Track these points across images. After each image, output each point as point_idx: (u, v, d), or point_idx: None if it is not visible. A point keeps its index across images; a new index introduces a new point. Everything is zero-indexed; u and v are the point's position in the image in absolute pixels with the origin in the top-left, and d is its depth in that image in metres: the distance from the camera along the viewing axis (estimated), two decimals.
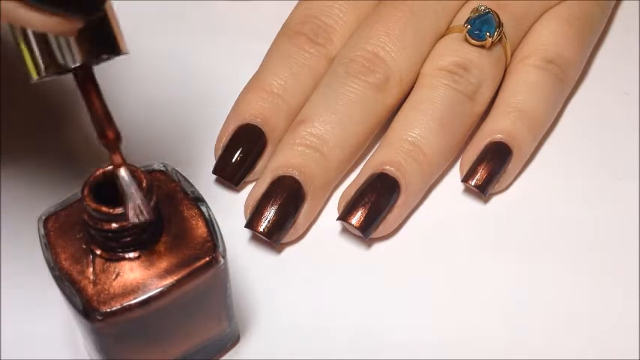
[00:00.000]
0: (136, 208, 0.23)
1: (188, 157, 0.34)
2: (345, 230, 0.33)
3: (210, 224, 0.26)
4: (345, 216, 0.32)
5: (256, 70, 0.35)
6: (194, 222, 0.26)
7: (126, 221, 0.24)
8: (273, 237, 0.31)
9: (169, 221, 0.25)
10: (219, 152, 0.33)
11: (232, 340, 0.30)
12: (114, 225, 0.24)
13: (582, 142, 0.35)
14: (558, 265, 0.32)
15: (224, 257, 0.26)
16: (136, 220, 0.23)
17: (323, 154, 0.32)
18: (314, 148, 0.32)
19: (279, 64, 0.34)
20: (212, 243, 0.25)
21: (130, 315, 0.24)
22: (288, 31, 0.35)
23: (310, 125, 0.32)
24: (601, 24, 0.37)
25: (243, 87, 0.34)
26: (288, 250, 0.32)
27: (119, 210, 0.24)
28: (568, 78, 0.35)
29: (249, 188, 0.33)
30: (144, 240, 0.25)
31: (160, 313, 0.25)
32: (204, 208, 0.26)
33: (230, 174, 0.33)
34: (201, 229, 0.26)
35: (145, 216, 0.23)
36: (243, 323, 0.30)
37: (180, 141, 0.35)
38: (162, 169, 0.27)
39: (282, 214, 0.31)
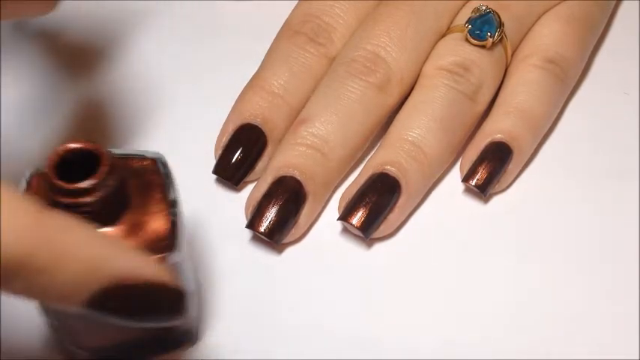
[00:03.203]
0: None
1: (189, 156, 0.33)
2: (345, 230, 0.33)
3: (173, 226, 0.26)
4: (345, 216, 0.32)
5: (256, 69, 0.34)
6: (158, 218, 0.26)
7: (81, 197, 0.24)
8: (275, 237, 0.31)
9: (134, 210, 0.26)
10: (219, 152, 0.33)
11: (191, 337, 0.30)
12: (68, 199, 0.24)
13: (582, 142, 0.35)
14: (559, 264, 0.32)
15: (178, 261, 0.26)
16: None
17: (324, 154, 0.32)
18: (315, 148, 0.32)
19: (279, 64, 0.34)
20: (167, 242, 0.25)
21: None
22: (288, 31, 0.35)
23: (311, 125, 0.32)
24: (601, 24, 0.37)
25: (244, 87, 0.34)
26: (289, 251, 0.32)
27: (78, 185, 0.23)
28: (568, 78, 0.35)
29: (249, 188, 0.33)
30: (99, 217, 0.24)
31: None
32: (174, 210, 0.26)
33: (230, 174, 0.33)
34: (162, 227, 0.25)
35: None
36: (243, 322, 0.30)
37: (180, 140, 0.35)
38: (155, 157, 0.27)
39: (283, 214, 0.31)
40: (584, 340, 0.30)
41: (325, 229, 0.33)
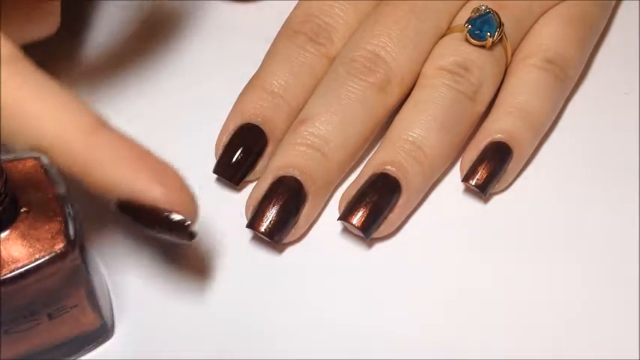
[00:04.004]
0: None
1: (189, 156, 0.33)
2: (345, 230, 0.33)
3: (66, 222, 0.26)
4: (346, 216, 0.32)
5: (256, 69, 0.34)
6: (52, 217, 0.26)
7: None
8: (275, 237, 0.31)
9: (28, 211, 0.26)
10: (220, 152, 0.33)
11: (104, 334, 0.30)
12: None
13: (582, 142, 0.35)
14: (559, 264, 0.32)
15: (79, 257, 0.26)
16: None
17: (324, 154, 0.32)
18: (315, 148, 0.32)
19: (279, 64, 0.34)
20: (63, 239, 0.26)
21: None
22: (288, 31, 0.35)
23: (311, 125, 0.32)
24: (601, 24, 0.37)
25: (244, 87, 0.34)
26: (290, 250, 0.32)
27: None
28: (568, 78, 0.35)
29: (250, 188, 0.33)
30: None
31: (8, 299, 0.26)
32: (66, 207, 0.26)
33: (231, 174, 0.33)
34: (56, 225, 0.26)
35: None
36: (247, 319, 0.31)
37: (180, 140, 0.35)
38: (35, 160, 0.27)
39: (283, 214, 0.31)
40: (584, 340, 0.30)
41: (326, 229, 0.33)
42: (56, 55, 0.37)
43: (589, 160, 0.35)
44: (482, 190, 0.33)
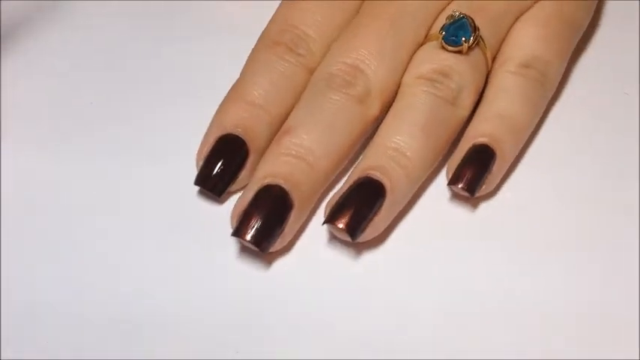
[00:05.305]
0: None
1: (183, 158, 0.34)
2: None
3: None
4: (331, 219, 0.31)
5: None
6: None
7: None
8: (261, 245, 0.31)
9: None
10: (201, 163, 0.33)
11: None
12: None
13: (581, 142, 0.35)
14: (558, 264, 0.32)
15: None
16: None
17: (309, 163, 0.32)
18: (300, 158, 0.32)
19: (259, 74, 0.34)
20: None
21: None
22: (267, 41, 0.35)
23: (295, 135, 0.33)
24: (582, 20, 0.37)
25: (223, 97, 0.34)
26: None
27: None
28: (548, 80, 0.35)
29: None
30: None
31: None
32: None
33: (212, 185, 0.33)
34: None
35: None
36: (237, 323, 0.30)
37: (175, 141, 0.35)
38: None
39: (269, 222, 0.31)
40: (584, 340, 0.30)
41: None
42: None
43: (588, 160, 0.35)
44: (470, 192, 0.33)
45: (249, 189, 0.32)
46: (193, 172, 0.33)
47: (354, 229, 0.31)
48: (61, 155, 0.35)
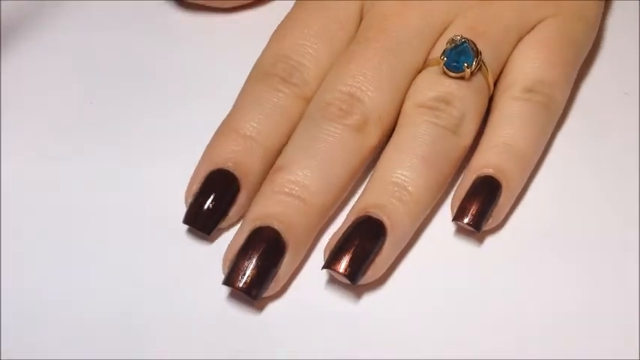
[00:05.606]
0: None
1: (187, 160, 0.33)
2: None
3: None
4: (330, 263, 0.30)
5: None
6: None
7: None
8: (252, 293, 0.29)
9: None
10: (190, 200, 0.31)
11: None
12: None
13: (581, 143, 0.35)
14: (558, 265, 0.31)
15: None
16: None
17: (303, 199, 0.30)
18: (293, 195, 0.30)
19: (251, 106, 0.32)
20: None
21: None
22: (259, 72, 0.33)
23: (288, 172, 0.31)
24: (586, 38, 0.36)
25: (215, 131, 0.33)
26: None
27: None
28: (553, 102, 0.33)
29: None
30: None
31: None
32: None
33: (201, 224, 0.31)
34: None
35: None
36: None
37: (180, 143, 0.35)
38: None
39: (261, 267, 0.29)
40: (584, 340, 0.29)
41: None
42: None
43: (588, 160, 0.34)
44: (476, 228, 0.31)
45: (240, 233, 0.30)
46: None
47: (354, 274, 0.29)
48: (61, 155, 0.34)
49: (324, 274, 0.31)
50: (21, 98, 0.36)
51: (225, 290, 0.30)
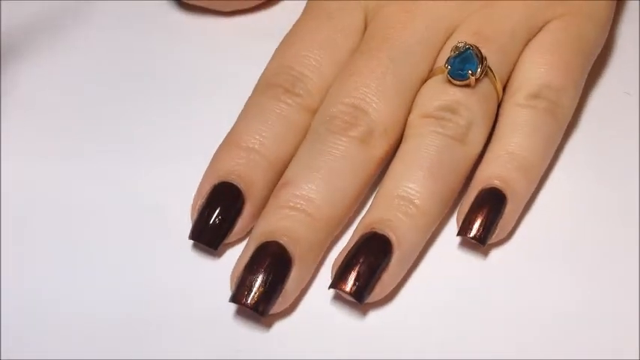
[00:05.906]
0: None
1: (189, 161, 0.33)
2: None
3: None
4: (336, 283, 0.29)
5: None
6: None
7: None
8: (259, 309, 0.29)
9: None
10: (195, 216, 0.31)
11: None
12: None
13: (581, 143, 0.34)
14: (558, 265, 0.31)
15: None
16: None
17: (309, 214, 0.30)
18: (299, 210, 0.30)
19: (254, 118, 0.32)
20: None
21: None
22: (262, 85, 0.33)
23: (293, 187, 0.30)
24: (596, 39, 0.35)
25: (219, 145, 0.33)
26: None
27: None
28: (560, 108, 0.33)
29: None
30: None
31: None
32: None
33: (208, 239, 0.31)
34: None
35: None
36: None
37: (182, 143, 0.35)
38: None
39: (267, 283, 0.29)
40: (584, 340, 0.29)
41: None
42: None
43: (588, 160, 0.34)
44: (481, 242, 0.31)
45: (247, 249, 0.30)
46: (195, 173, 0.32)
47: (360, 293, 0.29)
48: (62, 155, 0.34)
49: (328, 282, 0.31)
50: (21, 98, 0.36)
51: (225, 290, 0.30)
